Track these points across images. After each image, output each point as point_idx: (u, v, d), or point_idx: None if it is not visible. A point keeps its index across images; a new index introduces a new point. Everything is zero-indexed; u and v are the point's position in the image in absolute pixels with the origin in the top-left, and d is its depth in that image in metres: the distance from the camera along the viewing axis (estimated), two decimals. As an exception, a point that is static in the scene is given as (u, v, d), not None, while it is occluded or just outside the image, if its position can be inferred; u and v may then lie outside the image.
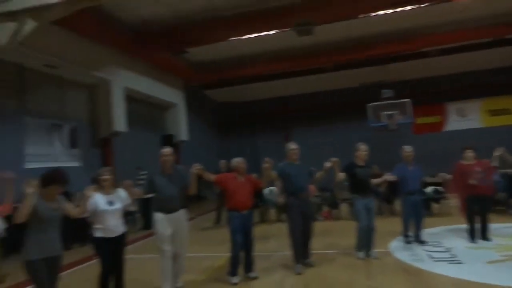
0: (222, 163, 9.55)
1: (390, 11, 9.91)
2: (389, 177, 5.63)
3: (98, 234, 3.94)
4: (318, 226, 8.28)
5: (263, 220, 9.35)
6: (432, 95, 16.79)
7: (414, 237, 5.89)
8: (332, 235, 7.07)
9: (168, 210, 4.28)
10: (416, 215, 5.80)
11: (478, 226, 5.72)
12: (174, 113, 14.85)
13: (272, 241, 7.02)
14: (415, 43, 12.37)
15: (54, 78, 9.60)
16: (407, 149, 5.92)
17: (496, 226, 6.39)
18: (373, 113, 14.45)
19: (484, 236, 5.69)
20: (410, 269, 4.67)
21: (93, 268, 5.69)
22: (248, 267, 4.79)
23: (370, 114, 14.36)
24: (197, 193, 4.70)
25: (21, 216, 3.08)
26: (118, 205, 4.04)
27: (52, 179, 3.32)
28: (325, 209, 9.21)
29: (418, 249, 5.54)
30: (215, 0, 8.95)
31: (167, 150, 4.47)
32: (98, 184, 4.05)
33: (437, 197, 8.54)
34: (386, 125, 14.48)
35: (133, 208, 4.39)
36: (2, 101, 7.97)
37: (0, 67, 7.90)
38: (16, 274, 5.24)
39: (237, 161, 4.85)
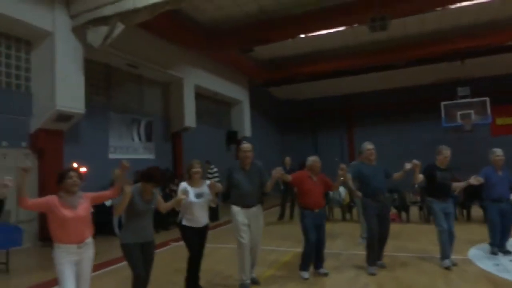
0: (287, 159, 9.67)
1: (469, 2, 9.25)
2: (475, 180, 5.18)
3: (185, 222, 4.15)
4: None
5: (327, 219, 9.29)
6: (515, 93, 15.30)
7: (498, 247, 5.46)
8: (401, 238, 6.82)
9: (245, 205, 4.32)
10: (504, 224, 5.34)
11: None
12: (238, 110, 15.28)
13: (339, 240, 6.99)
14: (496, 37, 11.37)
15: (134, 76, 10.40)
16: (498, 152, 5.45)
17: None
18: (447, 112, 13.58)
19: None
20: (495, 279, 4.37)
21: (173, 251, 6.19)
22: (319, 263, 4.82)
23: (444, 113, 13.51)
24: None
25: (119, 210, 3.42)
26: (205, 198, 4.19)
27: (151, 177, 3.57)
28: (393, 211, 8.88)
29: (503, 259, 5.15)
30: (286, -1, 9.03)
31: (247, 145, 4.46)
32: (187, 175, 4.23)
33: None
34: (461, 126, 13.54)
35: (214, 205, 4.37)
36: (92, 97, 8.81)
37: (90, 67, 8.74)
38: (104, 254, 5.85)
39: (313, 160, 4.83)
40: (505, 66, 14.44)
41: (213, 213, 10.03)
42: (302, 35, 10.74)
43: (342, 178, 4.89)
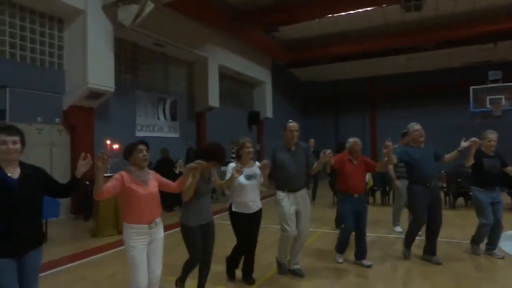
0: (311, 142, 9.65)
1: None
2: None
3: (236, 208, 3.74)
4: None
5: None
6: (550, 78, 14.68)
7: None
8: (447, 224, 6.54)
9: (291, 189, 3.96)
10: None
11: None
12: (260, 91, 15.25)
13: (380, 225, 6.60)
14: (534, 18, 10.86)
15: (160, 55, 10.50)
16: (490, 136, 4.76)
17: None
18: (475, 97, 13.18)
19: None
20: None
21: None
22: (361, 254, 4.46)
23: (472, 98, 13.12)
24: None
25: (189, 194, 3.15)
26: (257, 179, 3.80)
27: (213, 154, 3.29)
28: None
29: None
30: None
31: (294, 124, 4.09)
32: (237, 155, 3.86)
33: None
34: (490, 111, 13.15)
35: (266, 188, 3.95)
36: (120, 75, 8.98)
37: (119, 45, 8.87)
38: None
39: (354, 141, 4.48)
40: (541, 50, 13.83)
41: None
42: (329, 15, 10.53)
43: (386, 158, 4.27)
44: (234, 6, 10.43)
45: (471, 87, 13.05)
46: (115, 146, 7.70)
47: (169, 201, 8.45)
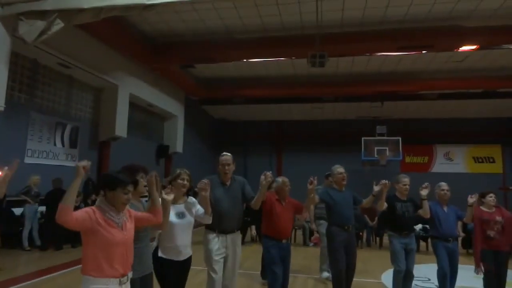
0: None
1: (390, 53, 10.53)
2: (382, 185, 4.53)
3: (162, 254, 3.12)
4: (308, 251, 8.50)
5: (254, 240, 9.47)
6: (422, 136, 17.51)
7: None
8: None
9: (222, 230, 3.61)
10: (452, 267, 4.57)
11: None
12: (172, 124, 14.98)
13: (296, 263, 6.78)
14: (413, 85, 13.01)
15: (64, 77, 9.71)
16: (443, 186, 4.76)
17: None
18: (366, 147, 14.97)
19: None
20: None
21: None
22: None
23: (363, 147, 14.86)
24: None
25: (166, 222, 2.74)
26: (189, 219, 3.23)
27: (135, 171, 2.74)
28: (316, 235, 9.39)
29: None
30: (234, 23, 9.34)
31: (228, 157, 3.79)
32: (169, 187, 3.15)
33: (424, 235, 8.87)
34: (377, 160, 15.00)
35: (209, 221, 3.43)
36: (12, 93, 8.01)
37: (14, 61, 7.98)
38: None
39: (283, 181, 4.26)
40: (416, 111, 16.49)
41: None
42: (244, 60, 11.11)
43: (312, 195, 4.20)
44: (152, 38, 10.34)
45: (363, 138, 14.80)
46: (-3, 173, 6.67)
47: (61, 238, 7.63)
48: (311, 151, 18.53)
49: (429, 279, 5.98)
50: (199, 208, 3.34)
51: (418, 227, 8.86)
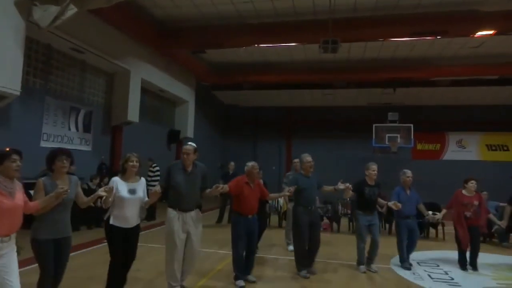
0: (231, 165, 9.81)
1: (404, 39, 10.35)
2: (394, 205, 5.41)
3: (113, 221, 3.72)
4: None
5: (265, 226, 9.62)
6: (434, 123, 17.29)
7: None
8: (333, 246, 7.33)
9: (182, 209, 4.08)
10: (411, 239, 5.76)
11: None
12: (183, 110, 15.10)
13: (275, 247, 7.19)
14: (426, 71, 12.83)
15: (78, 62, 9.81)
16: (408, 173, 5.81)
17: (495, 257, 6.77)
18: (377, 134, 14.86)
19: (473, 265, 5.72)
20: (412, 286, 4.96)
21: (100, 251, 5.91)
22: (247, 270, 4.75)
23: (374, 134, 14.75)
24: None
25: (46, 209, 3.13)
26: (139, 195, 3.86)
27: (54, 156, 3.26)
28: (325, 221, 9.48)
29: (419, 268, 5.82)
30: (246, 8, 9.27)
31: (189, 146, 4.21)
32: (122, 169, 3.88)
33: (434, 223, 8.85)
34: (388, 147, 14.90)
35: (146, 206, 3.98)
36: (28, 78, 8.15)
37: (30, 46, 8.09)
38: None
39: (252, 165, 4.75)
40: (429, 98, 16.27)
41: (150, 213, 9.81)
42: (255, 45, 11.05)
43: (287, 194, 5.07)
44: (163, 22, 10.35)
45: (374, 125, 14.68)
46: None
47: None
48: (321, 137, 18.50)
49: (438, 265, 6.03)
50: (145, 194, 3.97)
51: (429, 213, 8.83)
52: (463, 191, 5.74)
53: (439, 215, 6.24)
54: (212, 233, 8.36)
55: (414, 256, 6.60)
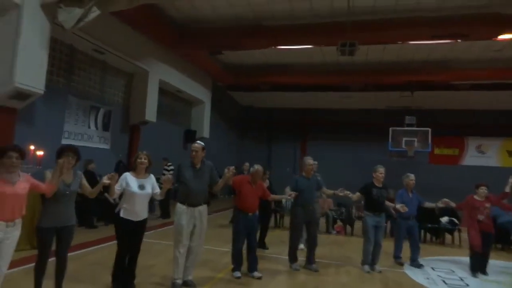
0: (246, 165, 9.88)
1: (423, 42, 10.22)
2: (401, 208, 5.78)
3: (123, 214, 4.02)
4: (331, 238, 8.58)
5: (278, 226, 9.66)
6: (453, 127, 16.95)
7: (411, 261, 6.18)
8: (346, 249, 7.31)
9: (191, 203, 4.31)
10: (413, 239, 6.19)
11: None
12: (199, 110, 15.27)
13: (284, 245, 7.17)
14: (446, 75, 12.60)
15: (99, 62, 10.07)
16: (412, 177, 6.25)
17: (510, 264, 6.66)
18: (394, 137, 14.67)
19: (483, 270, 5.81)
20: (425, 291, 4.93)
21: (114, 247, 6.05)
22: (253, 266, 5.00)
23: (391, 138, 14.58)
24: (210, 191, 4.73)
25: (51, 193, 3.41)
26: (148, 190, 4.11)
27: (61, 151, 3.59)
28: (339, 223, 9.45)
29: (433, 273, 5.76)
30: (262, 9, 9.34)
31: (197, 145, 4.49)
32: (133, 166, 4.18)
33: (451, 228, 8.72)
34: (404, 151, 14.70)
35: (161, 197, 4.31)
36: (52, 78, 8.41)
37: (54, 46, 8.35)
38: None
39: (257, 169, 5.11)
40: (447, 102, 15.97)
41: (164, 210, 9.99)
42: (272, 47, 11.09)
43: (288, 198, 5.50)
44: (181, 24, 10.51)
45: (391, 128, 14.51)
46: (39, 153, 7.10)
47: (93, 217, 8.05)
48: (336, 140, 18.39)
49: (453, 271, 5.95)
50: (156, 187, 4.26)
51: (445, 219, 8.71)
52: (475, 196, 5.97)
53: (452, 204, 6.18)
54: (227, 232, 8.40)
55: (429, 261, 6.57)
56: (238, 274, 4.90)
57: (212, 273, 5.08)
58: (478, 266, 5.77)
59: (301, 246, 6.65)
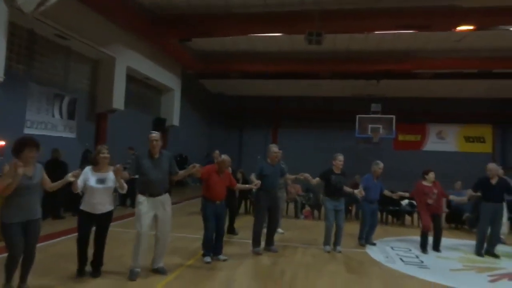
0: (216, 153, 9.93)
1: (388, 31, 10.58)
2: (359, 192, 6.24)
3: (83, 207, 4.11)
4: (299, 223, 8.90)
5: (248, 211, 9.88)
6: (416, 115, 17.71)
7: (365, 240, 6.67)
8: (313, 232, 7.61)
9: (151, 194, 4.32)
10: (372, 221, 6.69)
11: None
12: (169, 98, 15.07)
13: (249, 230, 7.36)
14: (409, 64, 13.12)
15: (62, 48, 9.71)
16: (381, 165, 6.68)
17: (464, 242, 7.19)
18: (360, 124, 15.18)
19: (436, 248, 6.34)
20: (383, 268, 5.27)
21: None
22: (218, 250, 5.23)
23: (358, 125, 15.07)
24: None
25: (7, 192, 3.31)
26: (109, 184, 4.13)
27: (23, 144, 3.46)
28: (307, 208, 9.77)
29: (392, 252, 6.16)
30: (231, -3, 9.31)
31: (156, 134, 4.48)
32: (93, 160, 4.17)
33: (411, 210, 9.26)
34: (370, 138, 15.26)
35: (123, 191, 4.26)
36: (11, 64, 8.06)
37: (12, 31, 7.98)
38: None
39: (224, 159, 5.31)
40: (411, 90, 16.62)
41: (134, 200, 9.90)
42: (242, 35, 11.11)
43: (253, 187, 5.64)
44: (150, 10, 10.28)
45: (357, 116, 14.98)
46: (0, 143, 6.86)
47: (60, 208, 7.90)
48: (306, 127, 18.77)
49: (410, 250, 6.38)
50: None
51: (405, 202, 9.22)
52: (423, 182, 6.41)
53: (404, 194, 6.93)
54: (198, 219, 8.47)
55: (390, 241, 7.00)
56: (208, 259, 5.07)
57: (183, 260, 5.18)
58: (427, 244, 6.24)
59: (280, 230, 7.13)
